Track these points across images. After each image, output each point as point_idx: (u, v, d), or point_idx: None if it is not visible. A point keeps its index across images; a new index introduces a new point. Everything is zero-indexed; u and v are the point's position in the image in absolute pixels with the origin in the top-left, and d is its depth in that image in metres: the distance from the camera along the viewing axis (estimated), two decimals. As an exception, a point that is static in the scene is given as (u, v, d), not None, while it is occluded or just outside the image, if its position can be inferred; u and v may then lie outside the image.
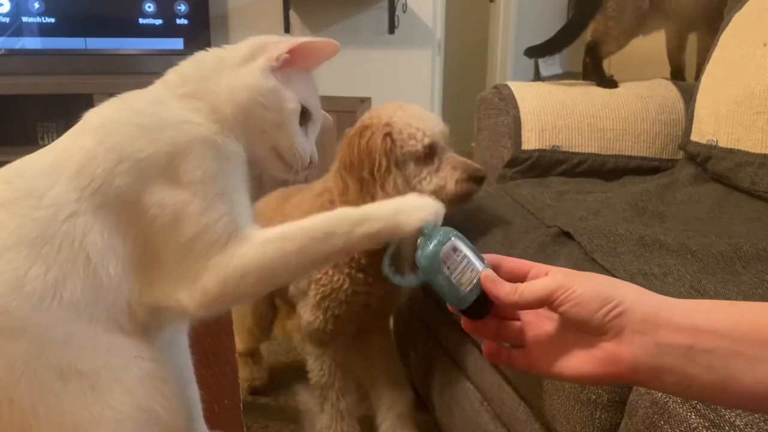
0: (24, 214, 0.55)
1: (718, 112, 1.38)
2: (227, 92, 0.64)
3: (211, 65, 0.66)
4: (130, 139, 0.59)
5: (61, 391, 0.54)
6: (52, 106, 2.81)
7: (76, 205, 0.56)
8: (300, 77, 0.68)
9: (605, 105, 1.64)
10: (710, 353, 0.46)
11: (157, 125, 0.60)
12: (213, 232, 0.57)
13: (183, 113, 0.61)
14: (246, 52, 0.66)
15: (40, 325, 0.53)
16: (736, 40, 1.43)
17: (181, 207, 0.57)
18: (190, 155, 0.59)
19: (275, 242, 0.59)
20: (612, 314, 0.49)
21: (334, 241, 0.59)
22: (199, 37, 2.79)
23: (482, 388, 1.23)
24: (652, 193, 1.35)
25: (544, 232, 1.18)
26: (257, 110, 0.64)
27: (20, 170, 0.60)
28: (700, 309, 0.49)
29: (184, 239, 0.57)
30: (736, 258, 0.98)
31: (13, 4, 2.63)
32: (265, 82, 0.64)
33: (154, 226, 0.57)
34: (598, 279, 0.52)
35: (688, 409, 0.68)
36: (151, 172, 0.58)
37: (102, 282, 0.56)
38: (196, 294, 0.57)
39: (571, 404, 0.86)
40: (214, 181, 0.59)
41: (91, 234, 0.56)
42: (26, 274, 0.53)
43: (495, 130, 1.66)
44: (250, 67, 0.65)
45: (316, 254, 0.59)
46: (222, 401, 0.84)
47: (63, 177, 0.57)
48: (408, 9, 3.17)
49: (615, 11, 1.75)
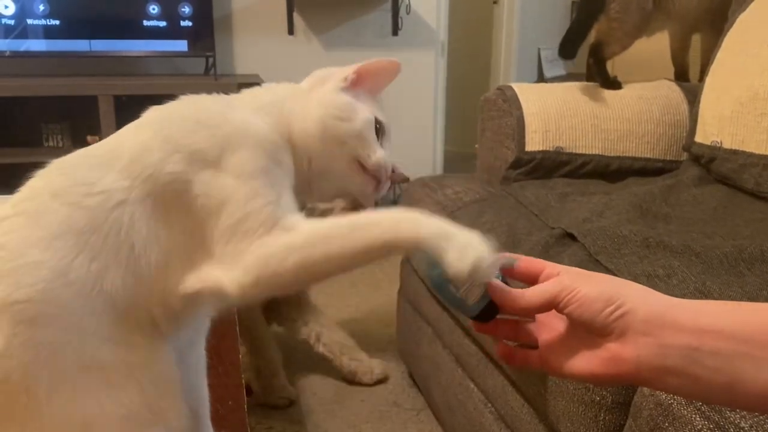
0: (75, 203, 0.56)
1: (722, 113, 1.38)
2: (300, 110, 0.67)
3: (282, 92, 0.70)
4: (188, 133, 0.60)
5: (78, 383, 0.54)
6: (56, 108, 2.82)
7: (127, 192, 0.57)
8: (368, 98, 0.71)
9: (609, 106, 1.64)
10: (716, 355, 0.46)
11: (217, 122, 0.61)
12: (259, 217, 0.57)
13: (248, 116, 0.64)
14: (313, 81, 0.71)
15: (76, 314, 0.54)
16: (740, 41, 1.43)
17: (230, 192, 0.57)
18: (243, 148, 0.59)
19: (322, 230, 0.58)
20: (615, 314, 0.49)
21: (378, 237, 0.56)
22: (203, 39, 2.80)
23: (486, 389, 1.23)
24: (656, 194, 1.35)
25: (548, 233, 1.18)
26: (334, 122, 0.67)
27: (77, 161, 0.61)
28: (706, 310, 0.49)
29: (229, 222, 0.57)
30: (740, 259, 0.97)
31: (18, 7, 2.64)
32: (338, 97, 0.68)
33: (202, 213, 0.57)
34: (603, 279, 0.52)
35: (693, 411, 0.68)
36: (204, 163, 0.58)
37: (142, 272, 0.56)
38: (238, 274, 0.56)
39: (576, 406, 0.86)
40: (263, 173, 0.60)
41: (138, 223, 0.56)
42: (72, 263, 0.54)
43: (498, 132, 1.66)
44: (320, 90, 0.69)
45: (358, 250, 0.57)
46: (226, 402, 0.84)
47: (117, 165, 0.58)
48: (411, 11, 3.18)
49: (618, 12, 1.75)
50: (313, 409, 1.67)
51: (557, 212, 1.30)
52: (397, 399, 1.72)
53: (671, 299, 0.50)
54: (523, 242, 1.18)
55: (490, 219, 1.33)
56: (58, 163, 0.60)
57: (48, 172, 0.60)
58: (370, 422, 1.62)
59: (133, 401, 0.56)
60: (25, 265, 0.53)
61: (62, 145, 2.85)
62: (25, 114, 2.82)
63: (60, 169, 0.60)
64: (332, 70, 0.71)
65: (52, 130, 2.84)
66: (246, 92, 0.70)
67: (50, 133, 2.84)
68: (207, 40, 2.81)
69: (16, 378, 0.52)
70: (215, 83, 2.74)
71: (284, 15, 3.04)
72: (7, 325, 0.52)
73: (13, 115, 2.81)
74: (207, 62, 2.86)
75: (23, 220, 0.56)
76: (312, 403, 1.69)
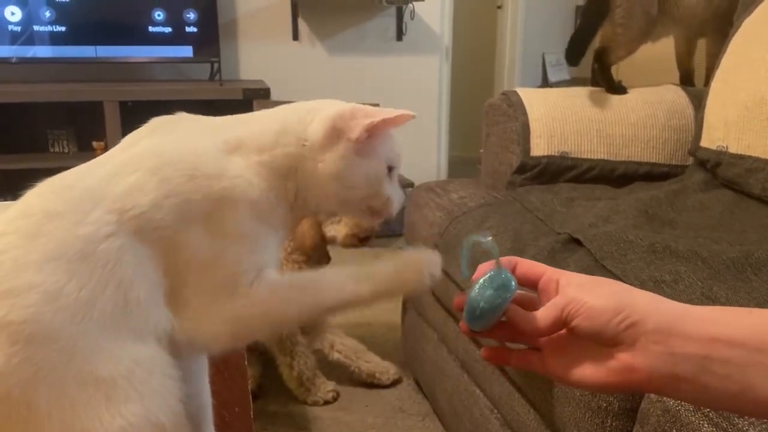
0: (69, 228, 0.57)
1: (728, 117, 1.37)
2: (312, 177, 0.66)
3: (292, 143, 0.66)
4: (184, 178, 0.60)
5: (76, 397, 0.55)
6: (62, 114, 2.83)
7: (116, 227, 0.57)
8: (381, 141, 0.68)
9: (614, 111, 1.64)
10: (726, 363, 0.46)
11: (213, 173, 0.61)
12: (240, 280, 0.61)
13: (245, 172, 0.63)
14: (325, 133, 0.66)
15: (71, 338, 0.55)
16: (746, 45, 1.43)
17: (216, 254, 0.60)
18: (235, 210, 0.61)
19: (290, 293, 0.64)
20: (624, 324, 0.48)
21: (338, 295, 0.64)
22: (208, 45, 2.81)
23: (492, 395, 1.22)
24: (662, 199, 1.34)
25: (554, 238, 1.18)
26: (347, 192, 0.67)
27: (74, 181, 0.61)
28: (716, 317, 0.48)
29: (212, 282, 0.61)
30: (747, 265, 0.97)
31: (24, 13, 2.65)
32: (349, 169, 0.66)
33: (185, 265, 0.60)
34: (608, 288, 0.52)
35: (701, 418, 0.68)
36: (194, 215, 0.60)
37: (131, 306, 0.57)
38: (215, 330, 0.61)
39: (582, 412, 0.86)
40: (249, 237, 0.62)
41: (125, 257, 0.57)
42: (62, 289, 0.55)
43: (503, 137, 1.66)
44: (333, 151, 0.66)
45: (318, 306, 0.65)
46: (232, 408, 0.84)
47: (111, 196, 0.58)
48: (416, 16, 3.18)
49: (623, 18, 1.75)
50: (318, 415, 1.66)
51: (563, 217, 1.30)
52: (402, 405, 1.71)
53: (681, 306, 0.50)
54: (529, 247, 1.18)
55: (495, 224, 1.33)
56: (53, 183, 0.61)
57: (43, 190, 0.60)
58: (375, 428, 1.61)
59: (134, 414, 0.56)
60: (19, 287, 0.54)
61: (68, 150, 2.86)
62: (31, 120, 2.84)
63: (54, 190, 0.60)
64: (346, 118, 0.66)
65: (58, 135, 2.85)
66: (253, 123, 0.67)
67: (56, 139, 2.85)
68: (212, 45, 2.82)
69: (16, 395, 0.53)
70: (220, 88, 2.74)
71: (289, 20, 3.05)
72: (5, 344, 0.53)
73: (20, 121, 2.83)
74: (212, 68, 2.86)
75: (17, 240, 0.56)
76: (317, 409, 1.69)
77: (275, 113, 0.69)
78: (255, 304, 0.62)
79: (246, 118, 0.69)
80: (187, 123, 0.68)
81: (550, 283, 0.55)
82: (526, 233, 1.25)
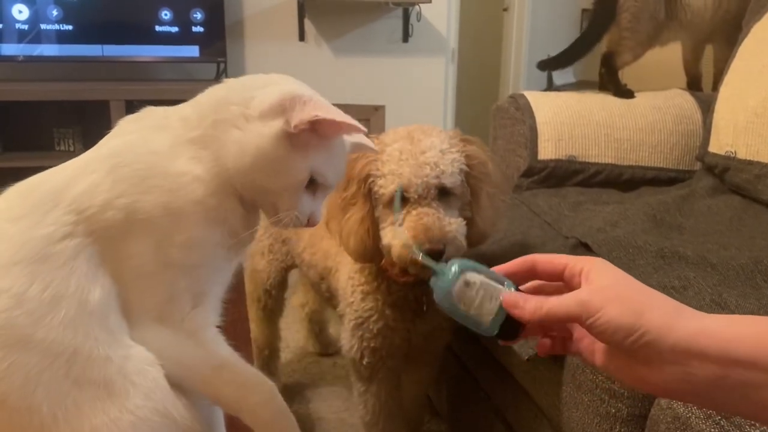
0: (30, 230, 0.57)
1: (736, 123, 1.37)
2: (236, 149, 0.62)
3: (229, 110, 0.63)
4: (137, 179, 0.60)
5: (78, 396, 0.56)
6: (68, 112, 2.83)
7: (73, 227, 0.58)
8: (318, 145, 0.64)
9: (622, 115, 1.63)
10: (744, 385, 0.45)
11: (162, 172, 0.61)
12: (171, 310, 0.61)
13: (185, 165, 0.62)
14: (270, 105, 0.62)
15: (45, 340, 0.55)
16: (755, 50, 1.43)
17: (158, 272, 0.60)
18: (181, 218, 0.60)
19: (187, 342, 0.63)
20: (639, 344, 0.48)
21: (196, 376, 0.63)
22: (215, 45, 2.81)
23: (498, 400, 1.22)
24: (669, 204, 1.34)
25: (562, 242, 1.18)
26: (260, 176, 0.62)
27: (39, 183, 0.61)
28: (734, 335, 0.47)
29: (156, 300, 0.61)
30: (757, 271, 0.97)
31: (31, 12, 2.66)
32: (275, 150, 0.61)
33: (131, 273, 0.60)
34: (627, 295, 0.50)
35: (712, 425, 0.67)
36: (142, 219, 0.59)
37: (91, 307, 0.58)
38: (154, 345, 0.61)
39: (591, 417, 0.86)
40: (196, 250, 0.61)
41: (80, 258, 0.58)
42: (27, 291, 0.55)
43: (511, 140, 1.66)
44: (267, 126, 0.61)
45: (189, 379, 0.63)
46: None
47: (68, 197, 0.59)
48: (422, 18, 3.18)
49: (630, 22, 1.74)
50: (323, 416, 1.66)
51: (571, 221, 1.29)
52: (406, 407, 1.71)
53: (698, 321, 0.48)
54: (537, 251, 1.17)
55: (502, 227, 1.33)
56: (19, 187, 0.61)
57: (9, 195, 0.61)
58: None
59: (139, 407, 0.57)
60: None
61: (74, 149, 2.86)
62: (37, 118, 2.84)
63: (19, 193, 0.61)
64: (296, 100, 0.61)
65: (64, 134, 2.85)
66: (192, 107, 0.65)
67: (62, 138, 2.85)
68: (218, 45, 2.82)
69: (13, 400, 0.54)
70: (226, 89, 2.73)
71: (295, 21, 3.05)
72: None
73: (26, 120, 2.83)
74: (218, 68, 2.87)
75: None
76: (322, 410, 1.69)
77: (230, 82, 0.66)
78: (179, 340, 0.61)
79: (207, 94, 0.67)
80: (154, 119, 0.66)
81: (574, 278, 0.54)
82: (533, 237, 1.25)
